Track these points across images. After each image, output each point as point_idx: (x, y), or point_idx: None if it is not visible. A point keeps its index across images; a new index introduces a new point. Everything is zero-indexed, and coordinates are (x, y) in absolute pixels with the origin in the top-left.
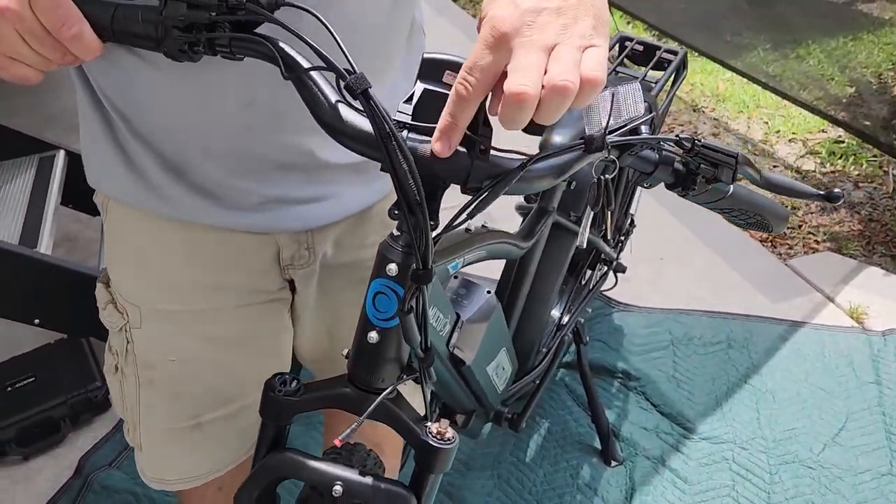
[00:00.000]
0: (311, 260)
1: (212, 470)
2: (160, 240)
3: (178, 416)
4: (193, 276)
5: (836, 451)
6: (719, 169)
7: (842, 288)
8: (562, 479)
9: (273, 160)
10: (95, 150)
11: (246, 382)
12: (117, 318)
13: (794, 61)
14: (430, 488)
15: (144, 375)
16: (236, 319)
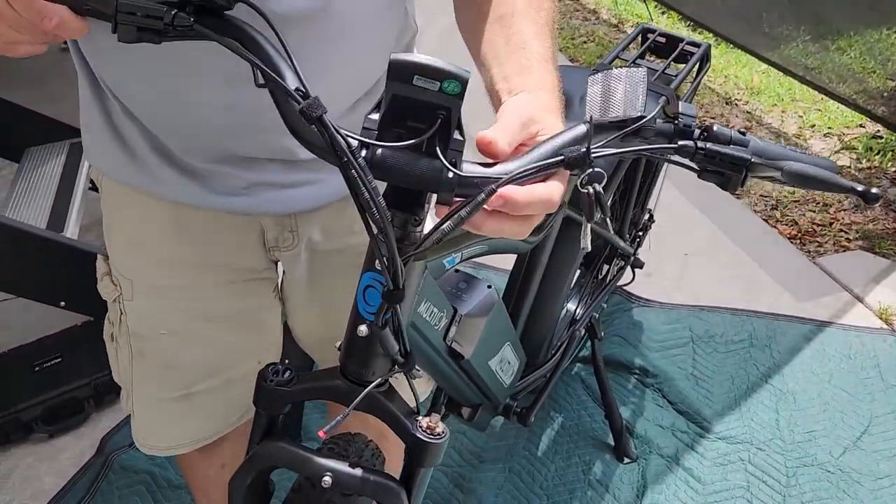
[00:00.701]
0: (295, 242)
1: (199, 438)
2: (149, 217)
3: (168, 387)
4: (181, 254)
5: (856, 456)
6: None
7: (872, 288)
8: (573, 475)
9: (255, 154)
10: (91, 127)
11: (232, 356)
12: (111, 290)
13: (834, 54)
14: (420, 482)
15: (136, 346)
16: (222, 296)
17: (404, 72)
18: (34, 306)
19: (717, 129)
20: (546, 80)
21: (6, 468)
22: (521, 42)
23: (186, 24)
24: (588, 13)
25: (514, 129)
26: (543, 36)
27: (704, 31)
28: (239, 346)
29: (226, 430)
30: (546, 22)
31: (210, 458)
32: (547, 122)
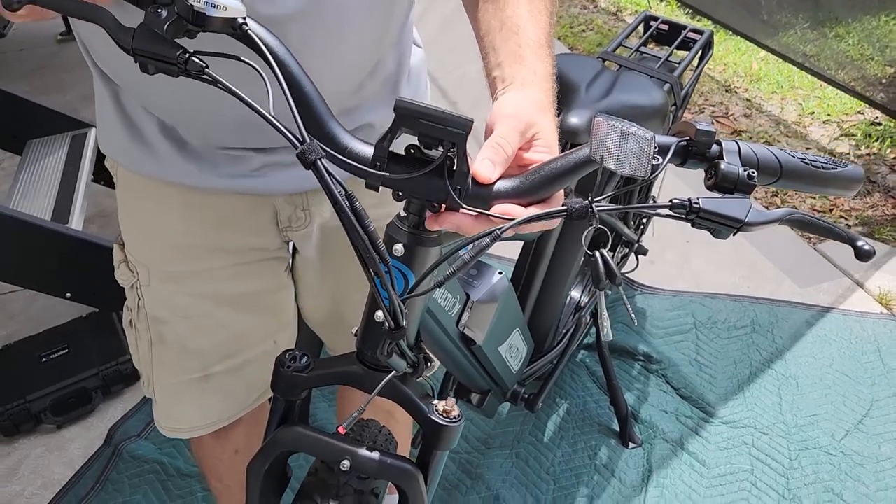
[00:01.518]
0: (307, 221)
1: (220, 419)
2: (163, 204)
3: (187, 369)
4: (194, 239)
5: (858, 438)
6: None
7: (872, 273)
8: (580, 460)
9: (268, 144)
10: (104, 116)
11: (248, 337)
12: (128, 277)
13: (833, 41)
14: (436, 465)
15: (155, 331)
16: (235, 278)
17: (410, 115)
18: (39, 298)
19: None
20: (538, 70)
21: (16, 459)
22: (515, 26)
23: (198, 69)
24: (587, 1)
25: (511, 143)
26: (539, 18)
27: (703, 19)
28: (254, 328)
29: (245, 410)
30: (544, 6)
31: (224, 444)
32: (542, 124)
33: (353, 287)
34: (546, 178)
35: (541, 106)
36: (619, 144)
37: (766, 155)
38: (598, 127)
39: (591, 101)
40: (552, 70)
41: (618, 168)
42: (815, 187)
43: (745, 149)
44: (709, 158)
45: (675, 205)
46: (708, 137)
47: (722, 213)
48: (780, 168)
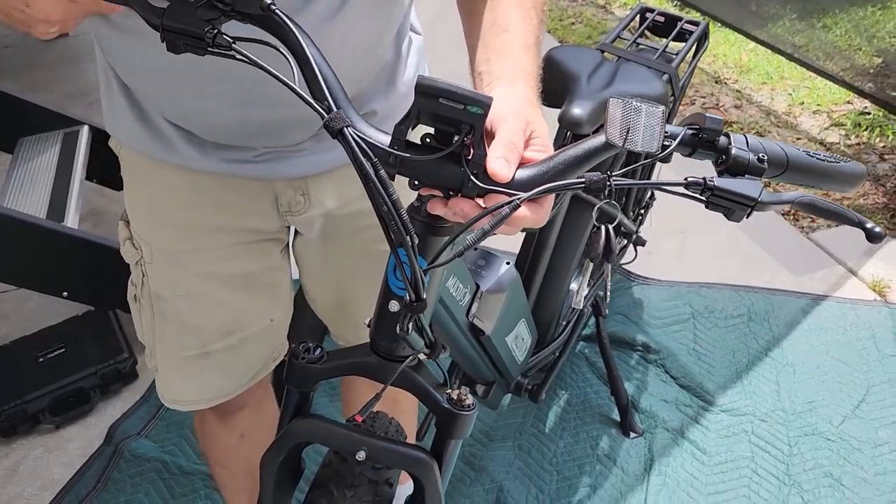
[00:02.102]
0: (307, 206)
1: (219, 395)
2: (166, 183)
3: (187, 346)
4: (196, 218)
5: (855, 424)
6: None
7: (865, 261)
8: (582, 450)
9: (270, 129)
10: (112, 100)
11: (246, 316)
12: (133, 253)
13: (821, 31)
14: (450, 453)
15: (157, 307)
16: (235, 257)
17: (430, 93)
18: (33, 297)
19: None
20: (526, 67)
21: (14, 460)
22: (506, 25)
23: (226, 44)
24: None
25: (519, 142)
26: (529, 18)
27: (692, 11)
28: (252, 307)
29: (244, 386)
30: (534, 4)
31: (230, 428)
32: (537, 122)
33: (356, 275)
34: (564, 164)
35: (532, 103)
36: (633, 122)
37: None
38: (612, 107)
39: (593, 91)
40: (539, 70)
41: (632, 145)
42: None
43: (752, 140)
44: (718, 148)
45: (690, 182)
46: (717, 126)
47: (736, 192)
48: (786, 160)
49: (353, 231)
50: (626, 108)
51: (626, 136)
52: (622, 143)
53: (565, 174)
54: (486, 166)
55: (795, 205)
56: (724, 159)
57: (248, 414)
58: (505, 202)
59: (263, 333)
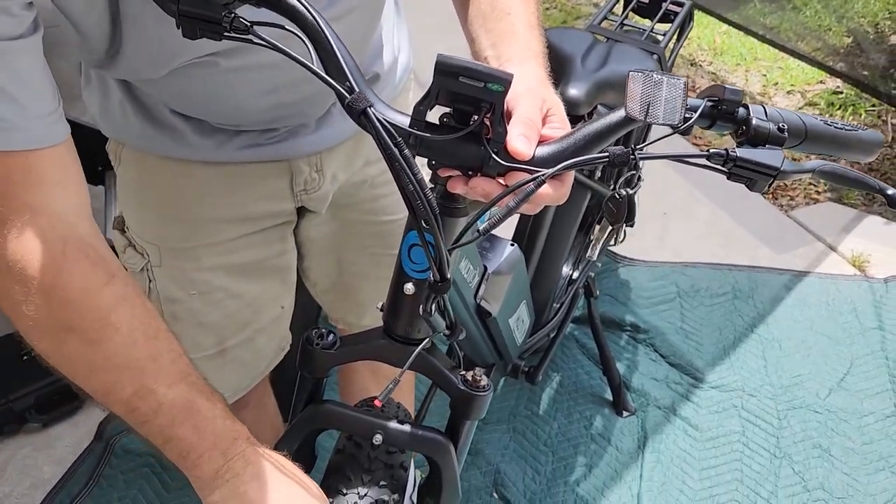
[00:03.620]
0: (321, 182)
1: (235, 391)
2: (177, 180)
3: (203, 346)
4: (209, 211)
5: (841, 396)
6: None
7: (843, 237)
8: (576, 431)
9: (296, 110)
10: (111, 103)
11: (259, 306)
12: (138, 260)
13: (791, 12)
14: (465, 435)
15: (168, 311)
16: (248, 246)
17: (450, 71)
18: None
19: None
20: (533, 47)
21: (2, 460)
22: (507, 8)
23: (244, 28)
24: None
25: (538, 120)
26: (528, 2)
27: None
28: (264, 295)
29: (257, 379)
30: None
31: None
32: (553, 99)
33: (362, 252)
34: (584, 140)
35: (545, 81)
36: (654, 95)
37: (791, 116)
38: (633, 81)
39: (589, 72)
40: (545, 50)
41: (653, 119)
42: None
43: (770, 110)
44: (737, 120)
45: (712, 154)
46: (736, 97)
47: (759, 161)
48: (804, 130)
49: (359, 202)
50: (646, 81)
51: (647, 110)
52: (644, 116)
53: (585, 150)
54: (506, 144)
55: (817, 173)
56: (745, 130)
57: (250, 413)
58: (529, 179)
59: (274, 323)
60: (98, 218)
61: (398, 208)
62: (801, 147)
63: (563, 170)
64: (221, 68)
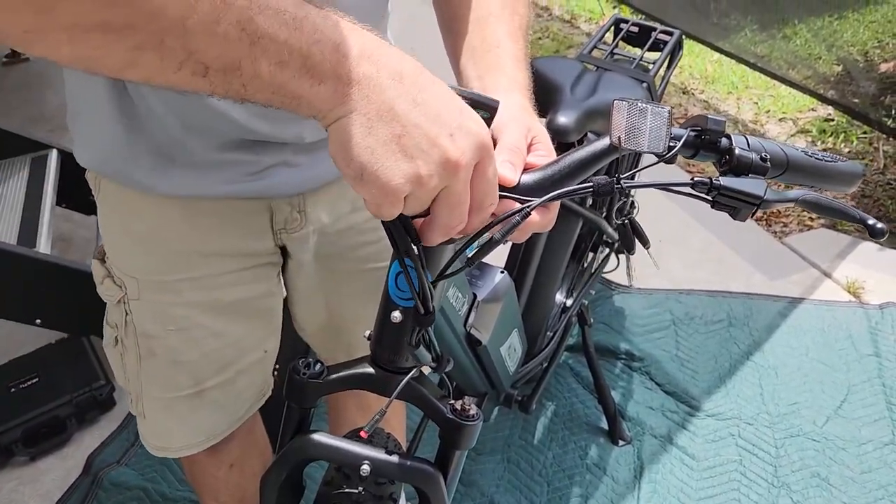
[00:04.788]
0: (303, 223)
1: (211, 436)
2: (155, 213)
3: (179, 385)
4: (189, 245)
5: (838, 424)
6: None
7: (838, 263)
8: (571, 461)
9: (262, 138)
10: (90, 129)
11: (241, 347)
12: (115, 291)
13: (781, 41)
14: (455, 465)
15: (144, 346)
16: (230, 284)
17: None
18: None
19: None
20: (518, 79)
21: None
22: (496, 42)
23: None
24: (541, 10)
25: (523, 148)
26: (516, 38)
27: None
28: (246, 337)
29: (236, 425)
30: (519, 26)
31: (219, 459)
32: (538, 128)
33: (348, 296)
34: (569, 168)
35: (530, 111)
36: (638, 124)
37: (773, 147)
38: (617, 110)
39: (578, 100)
40: (531, 83)
41: (637, 147)
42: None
43: (753, 141)
44: (720, 150)
45: (696, 182)
46: (719, 127)
47: (742, 190)
48: (786, 160)
49: (345, 250)
50: (631, 109)
51: (631, 138)
52: (628, 145)
53: (571, 178)
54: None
55: (799, 203)
56: (728, 160)
57: (237, 445)
58: (515, 210)
59: (256, 366)
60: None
61: (387, 255)
62: (784, 178)
63: (548, 201)
64: None
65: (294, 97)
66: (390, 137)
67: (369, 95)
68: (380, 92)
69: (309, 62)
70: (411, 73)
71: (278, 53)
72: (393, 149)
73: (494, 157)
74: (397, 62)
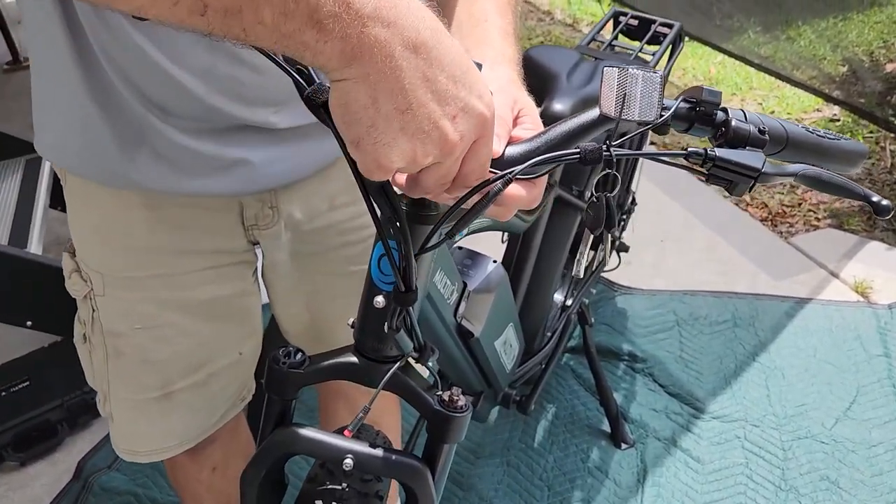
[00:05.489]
0: (275, 219)
1: (182, 441)
2: (121, 208)
3: (147, 386)
4: (157, 242)
5: (848, 425)
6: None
7: (845, 263)
8: (572, 464)
9: (230, 123)
10: (56, 124)
11: (213, 348)
12: (81, 287)
13: (786, 42)
14: (444, 459)
15: (111, 344)
16: (200, 283)
17: None
18: None
19: (735, 126)
20: (507, 53)
21: None
22: (483, 16)
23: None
24: (543, 14)
25: (508, 119)
26: (505, 12)
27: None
28: (219, 338)
29: (209, 430)
30: (507, 1)
31: (200, 462)
32: (525, 100)
33: (329, 298)
34: (556, 139)
35: (517, 84)
36: (629, 91)
37: (772, 122)
38: (607, 77)
39: (574, 88)
40: (519, 56)
41: (628, 115)
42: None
43: (751, 115)
44: (716, 123)
45: (690, 153)
46: (715, 98)
47: (739, 162)
48: (786, 136)
49: (323, 250)
50: (621, 76)
51: (622, 106)
52: (618, 113)
53: (558, 150)
54: None
55: (799, 177)
56: (724, 132)
57: (219, 446)
58: (496, 177)
59: (232, 369)
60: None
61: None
62: (783, 154)
63: (531, 167)
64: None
65: (299, 46)
66: (393, 112)
67: (378, 64)
68: (390, 62)
69: (317, 15)
70: (427, 43)
71: (283, 2)
72: (394, 126)
73: (493, 136)
74: (415, 28)
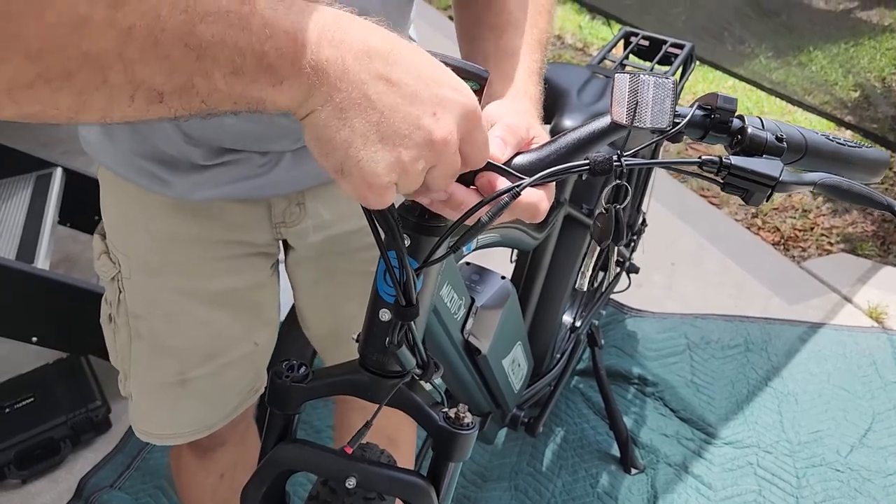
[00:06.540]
0: (302, 216)
1: (197, 428)
2: (148, 205)
3: (164, 371)
4: (179, 229)
5: (864, 453)
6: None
7: (859, 288)
8: (581, 489)
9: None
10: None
11: (229, 339)
12: (109, 268)
13: (797, 67)
14: (449, 478)
15: (133, 326)
16: (218, 273)
17: None
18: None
19: (751, 133)
20: (529, 91)
21: None
22: (511, 52)
23: None
24: (553, 38)
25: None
26: (533, 50)
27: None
28: (234, 328)
29: (223, 420)
30: (538, 39)
31: (208, 466)
32: (539, 129)
33: (350, 297)
34: (567, 148)
35: (534, 116)
36: (641, 98)
37: (790, 129)
38: (618, 83)
39: (584, 105)
40: (541, 97)
41: (640, 123)
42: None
43: (768, 122)
44: (731, 130)
45: (705, 161)
46: (731, 105)
47: (755, 170)
48: (805, 144)
49: (348, 251)
50: (633, 82)
51: (633, 113)
52: (630, 120)
53: (567, 160)
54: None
55: (818, 186)
56: (740, 139)
57: (228, 451)
58: (505, 189)
59: (246, 359)
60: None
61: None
62: (801, 163)
63: (541, 180)
64: None
65: (258, 102)
66: (367, 126)
67: (337, 83)
68: (348, 77)
69: (265, 61)
70: (380, 49)
71: (230, 61)
72: (371, 139)
73: (482, 120)
74: (362, 39)
